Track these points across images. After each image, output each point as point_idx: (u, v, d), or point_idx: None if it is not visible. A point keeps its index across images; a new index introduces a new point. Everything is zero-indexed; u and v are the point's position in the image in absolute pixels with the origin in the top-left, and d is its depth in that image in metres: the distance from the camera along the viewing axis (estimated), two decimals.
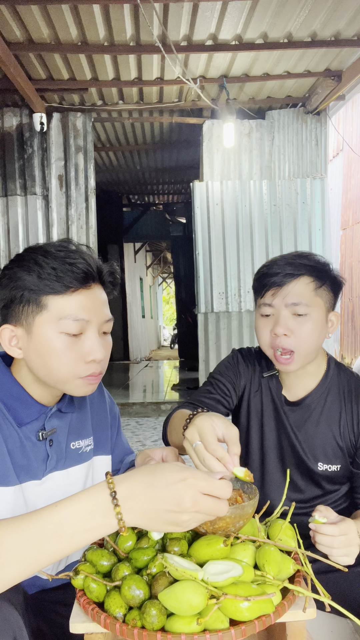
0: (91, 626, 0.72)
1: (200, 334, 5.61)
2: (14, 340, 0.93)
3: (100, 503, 0.67)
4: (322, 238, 5.56)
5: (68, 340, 0.90)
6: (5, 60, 3.99)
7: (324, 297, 1.18)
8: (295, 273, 1.15)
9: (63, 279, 0.89)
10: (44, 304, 0.89)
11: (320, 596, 0.72)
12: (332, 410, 1.25)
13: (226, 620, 0.68)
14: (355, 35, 4.21)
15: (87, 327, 0.92)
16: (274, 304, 1.16)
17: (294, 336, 1.15)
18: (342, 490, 1.29)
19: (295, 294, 1.14)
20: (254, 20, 3.93)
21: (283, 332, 1.14)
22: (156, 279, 21.57)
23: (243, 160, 5.57)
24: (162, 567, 0.73)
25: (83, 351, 0.91)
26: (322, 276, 1.17)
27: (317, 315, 1.16)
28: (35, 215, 5.37)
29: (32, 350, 0.92)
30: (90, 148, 5.42)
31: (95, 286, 0.94)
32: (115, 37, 4.12)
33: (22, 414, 0.96)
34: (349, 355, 7.99)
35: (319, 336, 1.18)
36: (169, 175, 8.50)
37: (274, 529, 0.84)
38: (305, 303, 1.14)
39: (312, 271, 1.16)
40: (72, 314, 0.89)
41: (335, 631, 1.16)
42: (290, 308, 1.15)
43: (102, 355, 0.92)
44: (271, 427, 1.30)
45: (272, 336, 1.17)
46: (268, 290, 1.17)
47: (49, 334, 0.90)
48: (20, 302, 0.91)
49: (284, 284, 1.15)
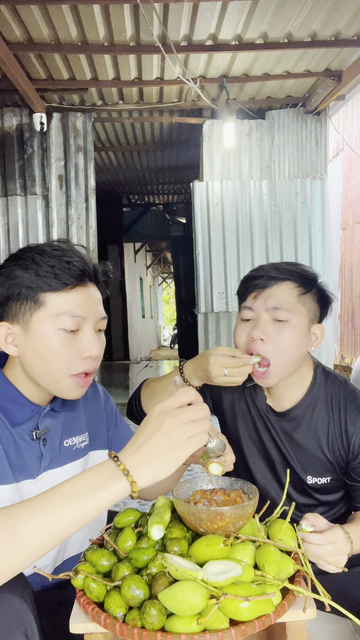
0: (91, 626, 0.72)
1: (200, 334, 5.61)
2: (9, 338, 0.94)
3: (106, 468, 0.70)
4: (322, 238, 5.56)
5: (65, 336, 0.91)
6: (5, 60, 3.99)
7: (307, 305, 1.14)
8: (279, 277, 1.12)
9: (60, 276, 0.90)
10: (42, 301, 0.91)
11: (320, 596, 0.72)
12: (320, 422, 1.19)
13: (226, 620, 0.68)
14: (355, 35, 4.21)
15: (83, 324, 0.93)
16: (255, 307, 1.12)
17: (271, 343, 1.10)
18: (337, 496, 1.27)
19: (277, 297, 1.10)
20: (254, 20, 3.93)
21: (260, 337, 1.10)
22: (156, 279, 21.56)
23: (243, 160, 5.57)
24: (162, 567, 0.73)
25: (79, 348, 0.92)
26: (308, 284, 1.14)
27: (299, 323, 1.12)
28: (35, 215, 5.37)
29: (29, 347, 0.93)
30: (90, 148, 5.42)
31: (90, 284, 0.96)
32: (115, 37, 4.12)
33: (16, 414, 0.96)
34: (349, 355, 7.99)
35: (299, 347, 1.13)
36: (169, 175, 8.50)
37: (274, 529, 0.84)
38: (287, 308, 1.10)
39: (297, 277, 1.13)
40: (70, 311, 0.91)
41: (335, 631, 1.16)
42: (270, 312, 1.11)
43: (97, 351, 0.94)
44: (261, 433, 1.26)
45: (249, 340, 1.12)
46: (250, 292, 1.14)
47: (47, 331, 0.91)
48: (17, 299, 0.92)
49: (267, 287, 1.11)
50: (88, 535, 1.05)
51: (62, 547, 1.03)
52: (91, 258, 0.98)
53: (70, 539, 1.04)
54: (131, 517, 0.87)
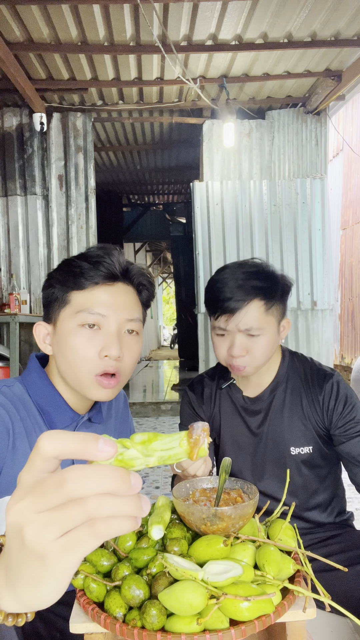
0: (91, 626, 0.72)
1: (200, 334, 5.61)
2: (47, 338, 0.97)
3: None
4: (322, 238, 5.56)
5: (86, 334, 0.91)
6: (5, 60, 3.99)
7: (275, 313, 1.22)
8: (245, 299, 1.17)
9: (85, 274, 0.92)
10: (68, 299, 0.94)
11: (320, 596, 0.72)
12: (294, 396, 1.29)
13: (226, 620, 0.68)
14: (355, 35, 4.21)
15: (104, 323, 0.92)
16: (228, 328, 1.20)
17: (248, 355, 1.20)
18: (322, 473, 1.30)
19: (248, 320, 1.18)
20: (254, 20, 3.93)
21: (240, 354, 1.19)
22: (156, 279, 21.56)
23: (243, 160, 5.57)
24: (162, 567, 0.73)
25: (99, 346, 0.91)
26: (273, 295, 1.20)
27: (270, 332, 1.21)
28: (35, 215, 5.37)
29: (56, 345, 0.95)
30: (90, 148, 5.41)
31: (120, 284, 0.95)
32: (115, 37, 4.12)
33: (56, 420, 0.96)
34: (349, 355, 7.99)
35: (272, 348, 1.23)
36: (169, 175, 8.49)
37: (274, 529, 0.84)
38: (258, 326, 1.18)
39: (262, 293, 1.18)
40: (89, 307, 0.92)
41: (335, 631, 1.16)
42: (243, 332, 1.19)
43: (116, 352, 0.91)
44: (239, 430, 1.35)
45: (229, 355, 1.21)
46: (221, 315, 1.20)
47: (69, 327, 0.93)
48: (52, 299, 0.96)
49: (236, 311, 1.17)
50: None
51: None
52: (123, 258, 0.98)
53: None
54: None
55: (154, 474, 3.57)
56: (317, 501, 1.31)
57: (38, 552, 0.37)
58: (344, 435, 1.23)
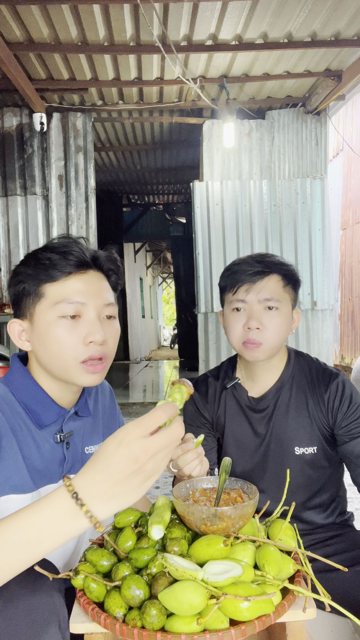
0: (91, 626, 0.72)
1: (200, 334, 5.61)
2: (23, 335, 0.97)
3: (65, 507, 0.63)
4: (322, 238, 5.56)
5: (67, 324, 0.92)
6: (5, 60, 3.99)
7: (290, 294, 1.27)
8: (266, 270, 1.23)
9: (57, 265, 0.93)
10: (42, 292, 0.93)
11: (320, 596, 0.72)
12: (299, 396, 1.30)
13: (226, 620, 0.68)
14: (355, 35, 4.21)
15: (83, 310, 0.94)
16: (248, 299, 1.23)
17: (265, 329, 1.22)
18: (325, 474, 1.30)
19: (268, 289, 1.22)
20: (254, 20, 3.93)
21: (256, 326, 1.21)
22: (156, 279, 21.56)
23: (243, 160, 5.57)
24: (162, 567, 0.73)
25: (82, 334, 0.93)
26: (288, 275, 1.27)
27: (286, 310, 1.25)
28: (35, 215, 5.37)
29: (36, 339, 0.95)
30: (90, 148, 5.41)
31: (91, 272, 0.96)
32: (115, 37, 4.12)
33: (42, 416, 0.97)
34: (349, 355, 7.99)
35: (286, 331, 1.26)
36: (169, 175, 8.50)
37: (274, 529, 0.84)
38: (277, 298, 1.23)
39: (280, 270, 1.26)
40: (67, 298, 0.92)
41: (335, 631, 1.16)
42: (263, 303, 1.22)
43: (101, 336, 0.93)
44: (243, 430, 1.34)
45: (245, 330, 1.23)
46: (241, 286, 1.23)
47: (48, 320, 0.93)
48: (23, 295, 0.95)
49: (257, 281, 1.22)
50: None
51: (73, 556, 1.04)
52: (90, 246, 1.00)
53: (81, 549, 1.05)
54: (131, 517, 0.87)
55: None
56: (319, 502, 1.31)
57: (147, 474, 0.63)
58: (348, 434, 1.23)
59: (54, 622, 0.71)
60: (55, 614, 0.72)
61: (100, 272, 0.99)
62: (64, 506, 0.63)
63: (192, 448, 0.96)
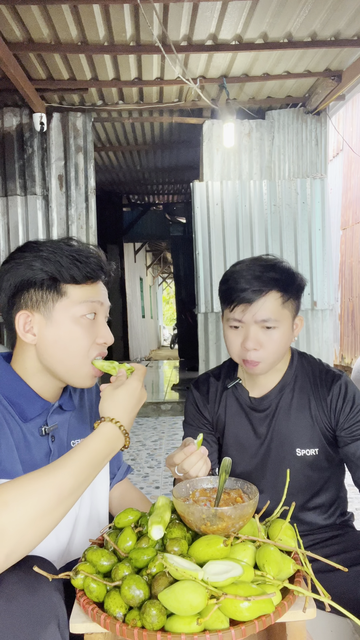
0: (91, 626, 0.72)
1: (200, 334, 5.61)
2: (27, 326, 0.98)
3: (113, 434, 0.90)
4: (322, 238, 5.56)
5: (86, 323, 0.99)
6: (5, 60, 3.99)
7: (290, 307, 1.22)
8: (263, 289, 1.17)
9: (83, 270, 0.98)
10: (64, 291, 0.97)
11: (320, 596, 0.72)
12: (302, 397, 1.28)
13: (226, 620, 0.68)
14: (355, 35, 4.21)
15: (100, 311, 1.02)
16: (245, 319, 1.19)
17: (263, 349, 1.19)
18: (326, 475, 1.29)
19: (265, 310, 1.17)
20: (254, 20, 3.93)
21: (253, 347, 1.18)
22: (156, 279, 21.56)
23: (243, 160, 5.57)
24: (162, 567, 0.73)
25: (97, 334, 1.00)
26: (289, 289, 1.21)
27: (285, 326, 1.21)
28: (35, 215, 5.37)
29: (51, 335, 0.97)
30: (90, 148, 5.41)
31: (101, 280, 1.04)
32: (115, 37, 4.12)
33: (27, 410, 0.98)
34: (349, 355, 7.99)
35: (287, 344, 1.23)
36: (169, 175, 8.49)
37: (274, 529, 0.84)
38: (275, 318, 1.18)
39: (279, 285, 1.19)
40: (91, 297, 0.99)
41: (335, 631, 1.16)
42: (260, 323, 1.18)
43: (112, 338, 1.04)
44: (243, 430, 1.34)
45: (243, 349, 1.21)
46: (237, 306, 1.19)
47: (70, 318, 0.98)
48: (40, 288, 0.97)
49: (253, 301, 1.17)
50: (91, 537, 1.06)
51: (67, 549, 1.04)
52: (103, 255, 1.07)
53: (74, 542, 1.06)
54: (131, 517, 0.87)
55: (154, 474, 3.57)
56: (319, 503, 1.31)
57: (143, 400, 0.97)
58: (350, 436, 1.22)
59: (53, 622, 0.72)
60: (54, 614, 0.73)
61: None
62: (114, 434, 0.90)
63: (194, 450, 0.97)
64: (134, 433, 4.86)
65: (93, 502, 1.10)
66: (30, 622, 0.69)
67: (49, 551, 0.98)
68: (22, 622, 0.69)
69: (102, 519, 1.12)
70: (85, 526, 1.08)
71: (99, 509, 1.12)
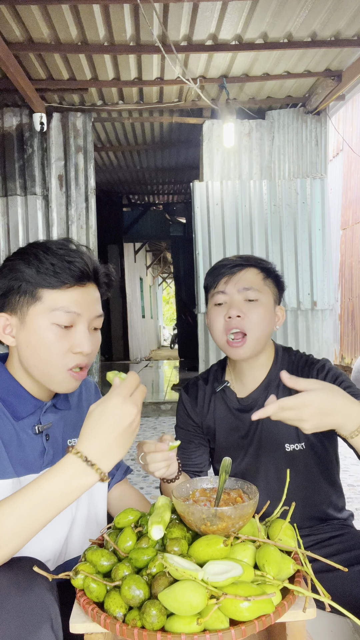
0: (91, 626, 0.72)
1: (200, 334, 5.61)
2: (7, 329, 0.97)
3: (77, 469, 0.76)
4: (322, 238, 5.56)
5: (59, 331, 0.94)
6: (5, 60, 3.99)
7: (270, 288, 1.29)
8: (244, 264, 1.27)
9: (60, 275, 0.93)
10: (39, 296, 0.94)
11: (320, 596, 0.72)
12: (287, 392, 1.25)
13: (226, 620, 0.68)
14: (355, 35, 4.21)
15: (77, 321, 0.96)
16: (227, 290, 1.25)
17: (246, 318, 1.23)
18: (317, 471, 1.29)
19: (247, 280, 1.25)
20: (254, 20, 3.93)
21: (237, 314, 1.22)
22: (156, 279, 21.56)
23: (243, 160, 5.57)
24: (162, 567, 0.73)
25: (72, 343, 0.95)
26: (268, 271, 1.30)
27: (267, 302, 1.26)
28: (35, 215, 5.37)
29: (24, 339, 0.96)
30: (90, 148, 5.41)
31: (89, 285, 0.98)
32: (115, 37, 4.12)
33: (19, 408, 0.98)
34: (349, 355, 7.99)
35: (269, 324, 1.27)
36: (169, 175, 8.49)
37: (274, 529, 0.84)
38: (256, 289, 1.25)
39: (259, 264, 1.29)
40: (64, 307, 0.94)
41: (335, 631, 1.16)
42: (242, 293, 1.24)
43: (89, 348, 0.96)
44: (233, 432, 1.34)
45: (226, 320, 1.24)
46: (221, 278, 1.26)
47: (41, 324, 0.94)
48: (17, 292, 0.95)
49: (236, 272, 1.26)
50: (89, 537, 1.06)
51: (63, 549, 1.04)
52: (93, 259, 1.00)
53: (71, 541, 1.05)
54: (131, 517, 0.87)
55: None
56: (316, 500, 1.31)
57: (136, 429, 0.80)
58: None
59: (46, 622, 0.72)
60: (47, 614, 0.72)
61: (96, 285, 1.01)
62: (75, 469, 0.76)
63: (165, 449, 1.00)
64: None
65: (91, 501, 1.10)
66: (22, 623, 0.69)
67: (43, 550, 0.98)
68: (13, 623, 0.69)
69: (100, 519, 1.12)
70: (83, 526, 1.07)
71: (97, 509, 1.12)
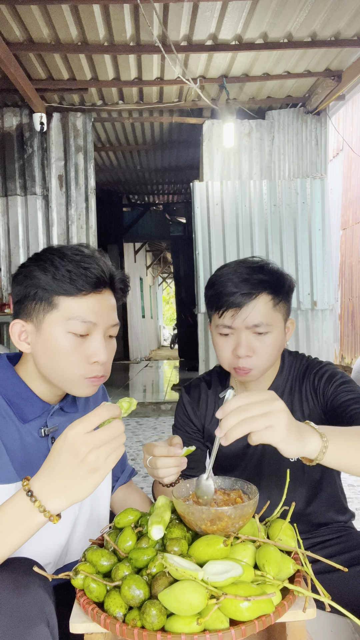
0: (91, 626, 0.72)
1: (200, 334, 5.61)
2: (23, 335, 0.97)
3: (22, 505, 0.72)
4: (322, 238, 5.56)
5: (74, 340, 0.93)
6: (5, 60, 3.99)
7: (281, 310, 1.16)
8: (253, 292, 1.11)
9: (76, 282, 0.92)
10: (55, 303, 0.93)
11: (320, 596, 0.72)
12: (294, 399, 1.23)
13: (226, 620, 0.68)
14: (355, 35, 4.21)
15: (93, 330, 0.95)
16: (235, 325, 1.13)
17: (255, 356, 1.13)
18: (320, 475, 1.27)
19: (256, 314, 1.11)
20: (254, 20, 3.93)
21: (246, 354, 1.12)
22: (156, 279, 21.55)
23: (243, 160, 5.57)
24: (162, 567, 0.73)
25: (88, 352, 0.94)
26: (279, 291, 1.15)
27: (278, 330, 1.15)
28: (35, 215, 5.37)
29: (40, 346, 0.95)
30: (90, 148, 5.42)
31: (105, 291, 0.97)
32: (115, 37, 4.12)
33: (26, 411, 0.98)
34: (349, 355, 7.99)
35: (279, 349, 1.18)
36: (169, 175, 8.50)
37: (274, 529, 0.84)
38: (266, 322, 1.12)
39: (269, 287, 1.13)
40: (81, 316, 0.93)
41: (335, 631, 1.16)
42: (251, 329, 1.12)
43: (105, 357, 0.95)
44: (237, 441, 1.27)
45: (234, 357, 1.14)
46: (226, 311, 1.12)
47: (57, 333, 0.93)
48: (33, 299, 0.94)
49: (243, 305, 1.11)
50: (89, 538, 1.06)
51: (64, 551, 1.04)
52: (108, 264, 0.99)
53: (72, 544, 1.05)
54: (131, 517, 0.87)
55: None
56: (317, 503, 1.30)
57: (92, 466, 0.70)
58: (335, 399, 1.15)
59: (42, 622, 0.72)
60: (42, 613, 0.72)
61: (112, 291, 0.99)
62: (22, 504, 0.72)
63: (178, 454, 0.95)
64: (134, 433, 4.85)
65: (94, 504, 1.10)
66: (17, 623, 0.69)
67: (44, 552, 0.98)
68: (8, 622, 0.69)
69: (102, 521, 1.11)
70: (85, 528, 1.07)
71: (100, 511, 1.11)
